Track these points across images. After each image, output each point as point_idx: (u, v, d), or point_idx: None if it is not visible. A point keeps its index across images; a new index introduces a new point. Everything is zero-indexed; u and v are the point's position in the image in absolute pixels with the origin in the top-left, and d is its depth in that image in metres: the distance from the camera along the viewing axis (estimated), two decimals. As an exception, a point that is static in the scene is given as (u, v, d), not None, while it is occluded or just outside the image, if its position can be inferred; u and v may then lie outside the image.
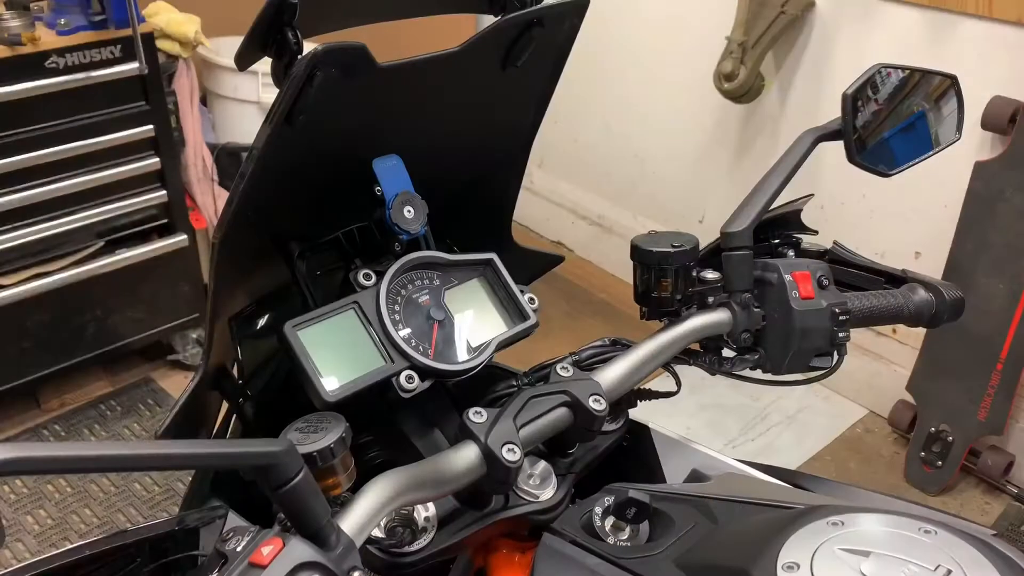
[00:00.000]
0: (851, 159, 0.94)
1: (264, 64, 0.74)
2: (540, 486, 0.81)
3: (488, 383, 0.92)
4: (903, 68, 0.96)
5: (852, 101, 0.92)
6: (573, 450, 0.86)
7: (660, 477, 0.94)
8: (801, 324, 0.87)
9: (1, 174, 2.13)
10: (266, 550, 0.55)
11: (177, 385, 2.68)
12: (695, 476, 0.91)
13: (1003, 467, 2.32)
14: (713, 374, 0.93)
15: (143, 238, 2.49)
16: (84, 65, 2.15)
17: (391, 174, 0.83)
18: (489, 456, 0.73)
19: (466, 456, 0.73)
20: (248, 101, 2.75)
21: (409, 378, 0.77)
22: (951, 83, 0.99)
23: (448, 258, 0.85)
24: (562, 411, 0.79)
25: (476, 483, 0.74)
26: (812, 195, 1.05)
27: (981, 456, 2.35)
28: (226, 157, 2.68)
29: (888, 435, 2.59)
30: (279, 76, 0.71)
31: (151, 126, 2.32)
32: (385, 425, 0.82)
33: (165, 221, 2.50)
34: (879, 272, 0.99)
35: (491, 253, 0.88)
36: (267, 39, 0.71)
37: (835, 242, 1.00)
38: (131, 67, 2.21)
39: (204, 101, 2.83)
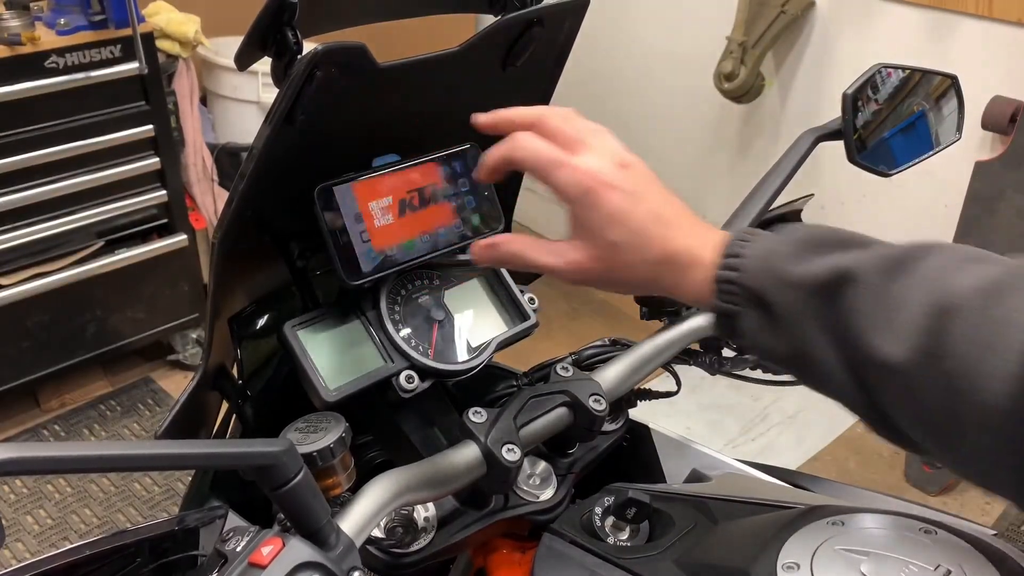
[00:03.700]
0: (851, 159, 0.94)
1: (264, 64, 0.74)
2: (540, 486, 0.81)
3: (488, 383, 0.92)
4: (903, 68, 0.96)
5: (852, 101, 0.92)
6: (573, 450, 0.86)
7: (660, 477, 0.94)
8: (801, 324, 0.87)
9: (1, 174, 2.13)
10: (266, 550, 0.55)
11: (177, 385, 2.68)
12: (695, 476, 0.91)
13: (1003, 467, 2.32)
14: (713, 374, 0.93)
15: (143, 238, 2.49)
16: (84, 65, 2.15)
17: None
18: (489, 456, 0.73)
19: (466, 456, 0.73)
20: (248, 101, 2.75)
21: (409, 378, 0.77)
22: (951, 83, 0.99)
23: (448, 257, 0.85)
24: (562, 411, 0.79)
25: (476, 483, 0.74)
26: (812, 195, 1.05)
27: (981, 456, 2.35)
28: (226, 157, 2.68)
29: (888, 435, 2.58)
30: (279, 76, 0.71)
31: (151, 126, 2.32)
32: (385, 425, 0.82)
33: (165, 221, 2.50)
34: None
35: (491, 253, 0.88)
36: (267, 39, 0.71)
37: (835, 242, 1.00)
38: (131, 67, 2.21)
39: (204, 101, 2.83)
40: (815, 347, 0.57)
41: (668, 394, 0.94)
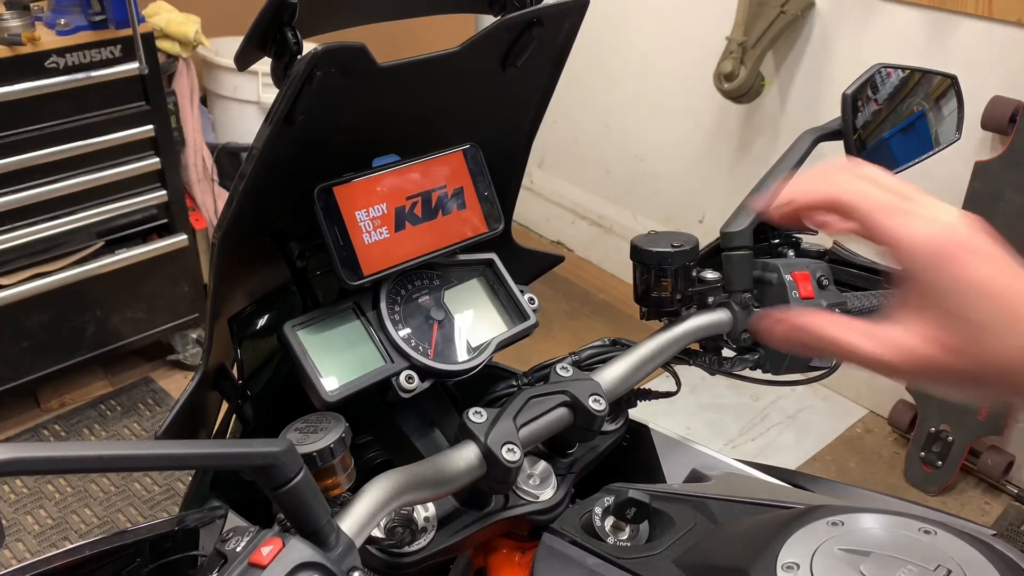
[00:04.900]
0: (851, 159, 0.94)
1: (264, 64, 0.74)
2: (540, 486, 0.81)
3: (488, 383, 0.92)
4: (903, 68, 0.96)
5: (852, 101, 0.92)
6: (573, 450, 0.86)
7: (660, 477, 0.94)
8: (801, 324, 0.87)
9: (1, 174, 2.13)
10: (266, 550, 0.55)
11: (177, 385, 2.68)
12: (695, 476, 0.91)
13: (1003, 467, 2.33)
14: (713, 374, 0.93)
15: (143, 238, 2.49)
16: (84, 65, 2.15)
17: None
18: (489, 456, 0.73)
19: (466, 456, 0.73)
20: (248, 101, 2.76)
21: (409, 378, 0.77)
22: (951, 83, 0.99)
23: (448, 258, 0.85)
24: (562, 411, 0.79)
25: (476, 483, 0.74)
26: (812, 195, 1.05)
27: (981, 456, 2.35)
28: (226, 157, 2.68)
29: (888, 435, 2.59)
30: (279, 76, 0.71)
31: (151, 126, 2.32)
32: (385, 425, 0.82)
33: (165, 221, 2.50)
34: (879, 272, 0.99)
35: (491, 253, 0.88)
36: (267, 39, 0.71)
37: (835, 242, 1.00)
38: (131, 67, 2.21)
39: (204, 101, 2.83)
40: None
41: (668, 394, 0.94)
